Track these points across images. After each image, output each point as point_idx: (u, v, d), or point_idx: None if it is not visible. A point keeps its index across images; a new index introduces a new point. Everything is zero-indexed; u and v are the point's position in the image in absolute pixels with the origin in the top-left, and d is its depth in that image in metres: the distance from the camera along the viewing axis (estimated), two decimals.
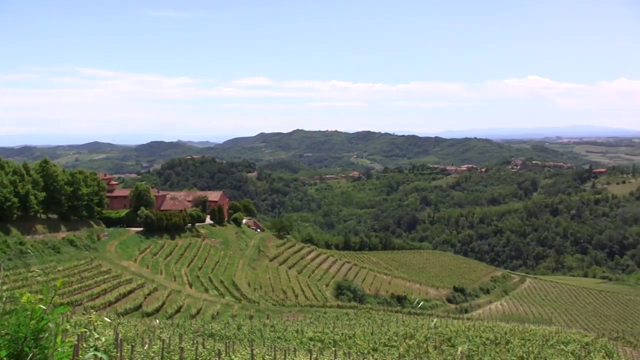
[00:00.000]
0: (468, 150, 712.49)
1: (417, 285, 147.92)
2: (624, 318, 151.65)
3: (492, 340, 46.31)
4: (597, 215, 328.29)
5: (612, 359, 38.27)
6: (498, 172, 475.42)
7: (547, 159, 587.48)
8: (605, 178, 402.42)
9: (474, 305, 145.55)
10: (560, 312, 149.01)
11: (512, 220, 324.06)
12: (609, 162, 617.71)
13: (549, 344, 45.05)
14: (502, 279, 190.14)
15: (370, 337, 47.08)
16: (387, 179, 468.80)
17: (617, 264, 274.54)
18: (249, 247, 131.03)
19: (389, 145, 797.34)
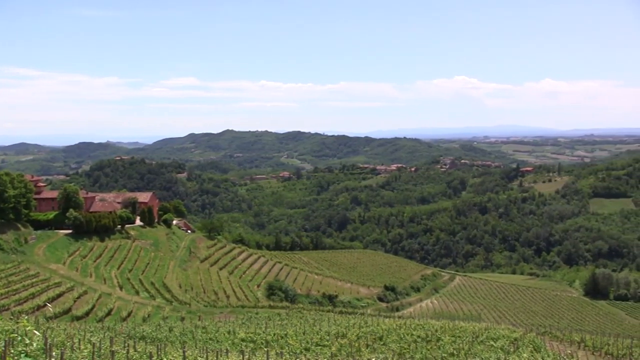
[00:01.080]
0: (398, 150, 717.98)
1: (348, 284, 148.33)
2: (551, 313, 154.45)
3: (423, 337, 46.76)
4: (525, 213, 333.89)
5: (539, 354, 38.90)
6: (427, 172, 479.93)
7: (476, 158, 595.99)
8: (532, 177, 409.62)
9: (404, 304, 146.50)
10: (490, 309, 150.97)
11: (441, 218, 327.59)
12: (536, 161, 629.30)
13: (479, 340, 45.67)
14: (432, 277, 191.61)
15: (302, 336, 47.17)
16: (318, 179, 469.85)
17: (544, 261, 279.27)
18: (179, 248, 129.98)
19: (319, 145, 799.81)
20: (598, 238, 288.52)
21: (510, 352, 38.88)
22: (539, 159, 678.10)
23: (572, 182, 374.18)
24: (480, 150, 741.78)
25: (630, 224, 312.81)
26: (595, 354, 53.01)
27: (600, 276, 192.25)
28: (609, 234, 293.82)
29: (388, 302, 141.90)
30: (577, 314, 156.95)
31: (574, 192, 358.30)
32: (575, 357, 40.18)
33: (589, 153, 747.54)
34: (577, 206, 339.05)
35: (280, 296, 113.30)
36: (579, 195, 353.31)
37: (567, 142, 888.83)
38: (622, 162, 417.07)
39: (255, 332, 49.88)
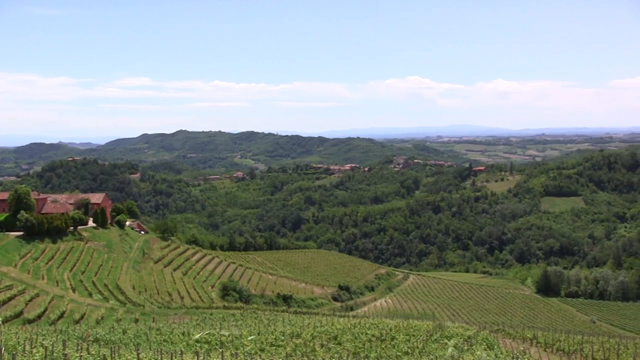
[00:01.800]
0: (351, 150, 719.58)
1: (302, 284, 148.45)
2: (504, 311, 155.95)
3: (377, 336, 46.95)
4: (477, 212, 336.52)
5: (493, 351, 39.27)
6: (381, 171, 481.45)
7: (429, 157, 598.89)
8: (485, 176, 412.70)
9: (359, 303, 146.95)
10: (443, 307, 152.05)
11: (395, 218, 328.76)
12: (488, 160, 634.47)
13: (433, 339, 45.97)
14: (386, 276, 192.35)
15: (257, 337, 47.13)
16: (271, 179, 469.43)
17: (496, 259, 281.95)
18: (133, 249, 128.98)
19: (272, 146, 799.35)
20: (549, 236, 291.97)
21: (464, 350, 39.18)
22: (491, 158, 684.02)
23: (524, 181, 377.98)
24: (433, 149, 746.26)
25: (581, 222, 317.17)
26: (548, 350, 53.68)
27: (552, 274, 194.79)
28: (560, 232, 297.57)
29: (342, 301, 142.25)
30: (530, 311, 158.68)
31: (525, 191, 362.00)
32: (527, 354, 40.62)
33: (540, 152, 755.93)
34: (528, 205, 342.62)
35: (234, 297, 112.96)
36: (530, 194, 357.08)
37: (519, 142, 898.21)
38: (573, 161, 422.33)
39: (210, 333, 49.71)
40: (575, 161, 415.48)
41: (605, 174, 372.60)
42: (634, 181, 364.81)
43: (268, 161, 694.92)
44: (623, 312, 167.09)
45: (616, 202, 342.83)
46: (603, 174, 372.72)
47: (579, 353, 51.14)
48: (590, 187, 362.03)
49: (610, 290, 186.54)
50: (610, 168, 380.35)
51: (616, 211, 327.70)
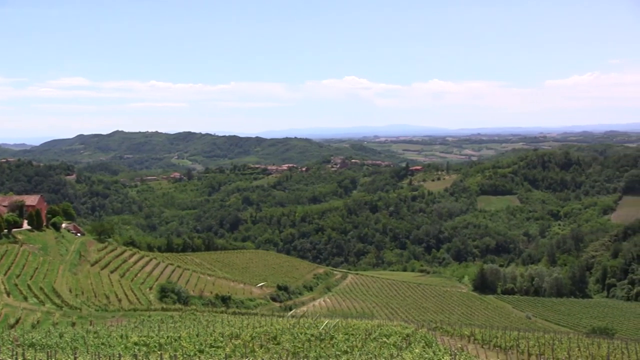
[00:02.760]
0: (289, 150, 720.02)
1: (241, 285, 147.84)
2: (442, 309, 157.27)
3: (316, 336, 47.06)
4: (415, 211, 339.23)
5: (431, 349, 39.61)
6: (318, 171, 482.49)
7: (366, 157, 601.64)
8: (422, 175, 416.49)
9: (298, 303, 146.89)
10: (382, 306, 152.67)
11: (333, 218, 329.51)
12: (425, 159, 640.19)
13: (372, 338, 46.20)
14: (324, 275, 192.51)
15: (196, 338, 46.92)
16: (209, 180, 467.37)
17: (434, 258, 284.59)
18: (69, 252, 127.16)
19: (210, 146, 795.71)
20: (485, 234, 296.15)
21: (403, 348, 39.48)
22: (428, 157, 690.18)
23: (460, 180, 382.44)
24: (370, 149, 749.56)
25: (516, 220, 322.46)
26: (485, 347, 54.37)
27: (488, 271, 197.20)
28: (495, 230, 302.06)
29: (281, 301, 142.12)
30: (467, 309, 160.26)
31: (462, 190, 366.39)
32: (465, 351, 41.11)
33: (476, 152, 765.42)
34: (465, 204, 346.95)
35: (172, 298, 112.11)
36: (467, 193, 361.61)
37: (455, 141, 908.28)
38: (508, 160, 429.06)
39: (148, 336, 49.32)
40: (510, 160, 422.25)
41: (539, 173, 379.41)
42: (567, 180, 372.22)
43: (205, 162, 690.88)
44: (557, 307, 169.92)
45: (550, 201, 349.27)
46: (537, 173, 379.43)
47: (516, 349, 51.89)
48: (525, 186, 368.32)
49: (545, 286, 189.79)
50: (544, 167, 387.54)
51: (550, 209, 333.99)
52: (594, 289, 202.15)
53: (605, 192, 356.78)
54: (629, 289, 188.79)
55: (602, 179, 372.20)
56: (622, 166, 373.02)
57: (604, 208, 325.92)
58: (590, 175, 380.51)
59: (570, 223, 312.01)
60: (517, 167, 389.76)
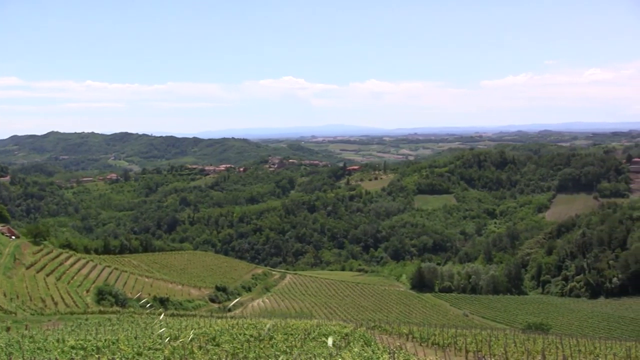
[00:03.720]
0: (226, 150, 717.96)
1: (179, 286, 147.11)
2: (380, 308, 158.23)
3: (255, 337, 47.04)
4: (352, 211, 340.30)
5: (370, 348, 39.83)
6: (256, 172, 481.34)
7: (304, 157, 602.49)
8: (359, 175, 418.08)
9: (236, 304, 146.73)
10: (321, 306, 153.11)
11: (271, 218, 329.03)
12: (362, 159, 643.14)
13: (311, 337, 46.33)
14: (263, 276, 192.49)
15: (134, 341, 46.55)
16: (146, 181, 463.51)
17: (372, 257, 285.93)
18: (3, 255, 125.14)
19: (147, 147, 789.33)
20: (423, 233, 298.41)
21: (342, 348, 39.65)
22: (365, 157, 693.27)
23: (397, 180, 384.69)
24: (308, 149, 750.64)
25: (453, 218, 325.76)
26: (423, 344, 54.86)
27: (426, 270, 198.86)
28: (433, 229, 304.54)
29: (220, 302, 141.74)
30: (405, 307, 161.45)
31: (399, 190, 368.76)
32: (404, 349, 41.40)
33: (413, 151, 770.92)
34: (402, 203, 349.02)
35: (110, 301, 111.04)
36: (404, 192, 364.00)
37: (392, 141, 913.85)
38: (444, 159, 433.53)
39: (86, 339, 48.76)
40: (446, 160, 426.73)
41: (475, 172, 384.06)
42: (503, 178, 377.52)
43: (142, 162, 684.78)
44: (494, 305, 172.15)
45: (486, 199, 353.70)
46: (473, 172, 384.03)
47: (453, 346, 52.46)
48: (462, 185, 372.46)
49: (481, 284, 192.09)
50: (480, 166, 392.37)
51: (486, 208, 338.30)
52: (529, 285, 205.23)
53: (540, 191, 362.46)
54: (563, 285, 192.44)
55: (536, 177, 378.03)
56: (556, 165, 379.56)
57: (539, 206, 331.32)
58: (525, 174, 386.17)
59: (506, 221, 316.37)
60: (454, 167, 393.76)
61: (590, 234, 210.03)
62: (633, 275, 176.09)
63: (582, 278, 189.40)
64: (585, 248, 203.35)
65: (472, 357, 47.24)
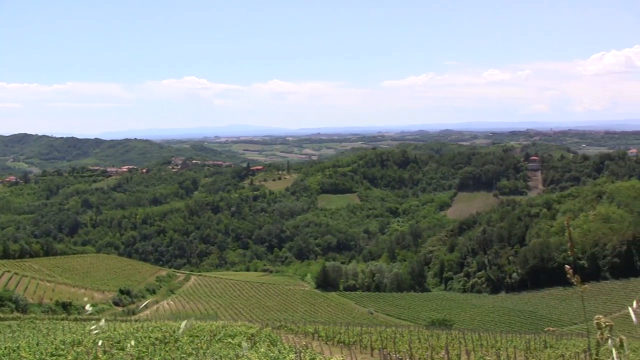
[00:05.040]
0: (129, 151, 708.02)
1: (82, 290, 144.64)
2: (285, 307, 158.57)
3: (161, 339, 46.71)
4: (256, 211, 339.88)
5: (276, 347, 39.97)
6: (159, 173, 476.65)
7: (207, 158, 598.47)
8: (263, 175, 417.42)
9: (140, 306, 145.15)
10: (226, 307, 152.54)
11: (174, 219, 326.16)
12: (266, 159, 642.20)
13: (217, 339, 46.22)
14: (167, 278, 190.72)
15: (36, 347, 45.72)
16: (47, 183, 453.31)
17: (276, 257, 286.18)
18: None
19: (47, 148, 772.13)
20: (327, 232, 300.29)
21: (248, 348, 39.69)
22: (268, 157, 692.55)
23: (301, 180, 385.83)
24: (211, 150, 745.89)
25: (356, 217, 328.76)
26: (329, 343, 55.29)
27: (330, 269, 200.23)
28: (336, 228, 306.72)
29: (124, 305, 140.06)
30: (310, 307, 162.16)
31: (303, 189, 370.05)
32: (310, 348, 41.67)
33: (316, 151, 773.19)
34: (306, 202, 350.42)
35: (10, 307, 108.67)
36: (307, 192, 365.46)
37: (296, 141, 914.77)
38: (347, 159, 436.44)
39: None
40: (350, 159, 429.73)
41: (378, 171, 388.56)
42: (405, 177, 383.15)
43: (43, 164, 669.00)
44: (398, 302, 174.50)
45: (389, 198, 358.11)
46: (376, 171, 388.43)
47: (359, 344, 53.04)
48: (365, 184, 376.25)
49: (385, 282, 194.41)
50: (383, 165, 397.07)
51: (389, 206, 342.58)
52: (432, 282, 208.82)
53: (441, 189, 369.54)
54: (465, 282, 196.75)
55: (438, 176, 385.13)
56: (457, 164, 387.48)
57: (440, 204, 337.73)
58: (427, 173, 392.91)
59: (409, 219, 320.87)
60: (357, 166, 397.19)
61: (490, 230, 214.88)
62: (532, 270, 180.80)
63: (483, 274, 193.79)
64: (485, 245, 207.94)
65: (377, 354, 47.77)
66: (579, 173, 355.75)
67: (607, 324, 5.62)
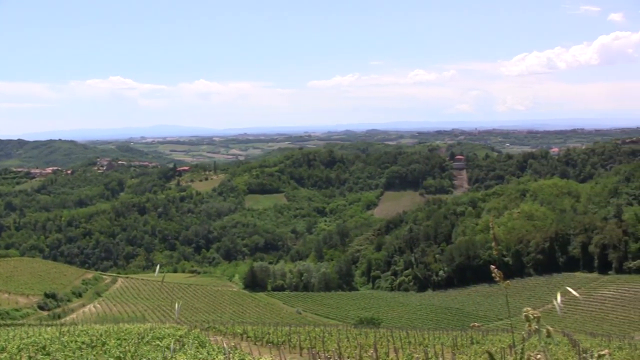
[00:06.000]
0: (53, 152, 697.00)
1: (5, 295, 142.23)
2: (214, 308, 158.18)
3: (88, 343, 46.27)
4: (184, 212, 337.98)
5: (205, 349, 39.91)
6: (84, 174, 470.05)
7: (133, 158, 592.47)
8: (189, 175, 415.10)
9: (67, 310, 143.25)
10: (154, 309, 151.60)
11: (100, 221, 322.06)
12: (192, 160, 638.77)
13: (145, 341, 45.99)
14: (94, 281, 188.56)
15: None
16: None
17: (204, 258, 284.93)
18: None
19: None
20: (254, 233, 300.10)
21: (177, 350, 39.59)
22: (195, 158, 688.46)
23: (228, 180, 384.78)
24: (137, 150, 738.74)
25: (284, 217, 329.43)
26: (258, 343, 55.38)
27: (258, 269, 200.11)
28: (264, 228, 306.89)
29: (49, 309, 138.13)
30: (239, 307, 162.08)
31: (230, 190, 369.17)
32: (239, 349, 41.72)
33: (243, 151, 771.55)
34: (233, 203, 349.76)
35: None
36: (235, 193, 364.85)
37: (222, 141, 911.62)
38: (274, 159, 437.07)
39: None
40: (276, 159, 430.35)
41: (305, 171, 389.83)
42: (332, 177, 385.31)
43: None
44: (326, 301, 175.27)
45: (316, 198, 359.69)
46: (303, 171, 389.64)
47: (288, 344, 53.26)
48: (292, 184, 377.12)
49: (313, 281, 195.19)
50: (309, 165, 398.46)
51: (316, 206, 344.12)
52: (360, 281, 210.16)
53: (368, 189, 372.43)
54: (393, 280, 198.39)
55: (364, 175, 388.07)
56: (383, 163, 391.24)
57: (367, 203, 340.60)
58: (353, 173, 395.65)
59: (336, 219, 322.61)
60: (284, 166, 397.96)
61: (417, 229, 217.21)
62: (458, 267, 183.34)
63: (410, 272, 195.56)
64: (412, 243, 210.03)
65: (306, 354, 48.06)
66: (503, 172, 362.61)
67: (534, 315, 5.89)
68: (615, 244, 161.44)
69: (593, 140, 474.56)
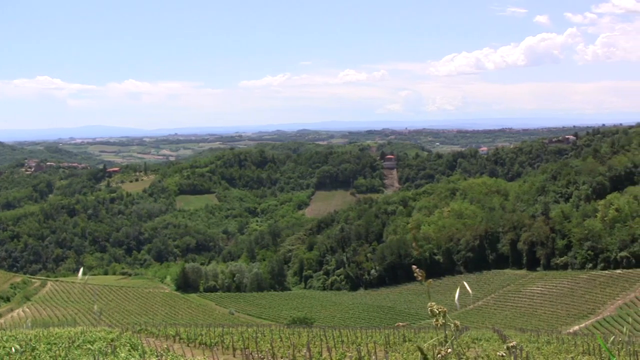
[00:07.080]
0: None
1: None
2: (146, 310, 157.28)
3: (17, 349, 45.97)
4: (114, 214, 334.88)
5: (137, 352, 39.96)
6: (12, 175, 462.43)
7: (62, 160, 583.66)
8: (120, 176, 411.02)
9: None
10: (85, 312, 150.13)
11: (29, 223, 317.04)
12: (122, 161, 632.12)
13: (76, 345, 45.80)
14: (22, 284, 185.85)
15: None
16: None
17: (135, 259, 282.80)
18: None
19: None
20: (186, 234, 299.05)
21: (108, 354, 39.58)
22: (125, 159, 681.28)
23: (158, 181, 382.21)
24: (66, 151, 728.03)
25: (215, 218, 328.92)
26: (190, 345, 55.47)
27: (190, 270, 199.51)
28: (195, 229, 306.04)
29: None
30: (171, 309, 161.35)
31: (160, 191, 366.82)
32: (171, 351, 41.87)
33: (174, 152, 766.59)
34: (164, 204, 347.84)
35: None
36: (165, 194, 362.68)
37: (153, 142, 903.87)
38: (205, 159, 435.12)
39: None
40: (207, 160, 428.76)
41: (236, 171, 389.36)
42: (263, 177, 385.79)
43: None
44: (259, 302, 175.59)
45: (247, 198, 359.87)
46: (234, 172, 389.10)
47: (221, 345, 53.45)
48: (223, 184, 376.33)
49: (246, 282, 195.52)
50: (241, 165, 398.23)
51: (248, 206, 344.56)
52: (293, 281, 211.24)
53: (300, 188, 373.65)
54: (325, 279, 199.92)
55: (296, 175, 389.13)
56: (314, 163, 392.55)
57: (299, 203, 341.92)
58: (285, 173, 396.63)
59: (268, 219, 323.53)
60: (215, 167, 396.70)
61: (348, 228, 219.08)
62: (389, 266, 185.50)
63: (342, 271, 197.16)
64: (344, 242, 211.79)
65: (239, 354, 48.36)
66: (433, 171, 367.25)
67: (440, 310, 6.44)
68: (543, 241, 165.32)
69: (521, 140, 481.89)
